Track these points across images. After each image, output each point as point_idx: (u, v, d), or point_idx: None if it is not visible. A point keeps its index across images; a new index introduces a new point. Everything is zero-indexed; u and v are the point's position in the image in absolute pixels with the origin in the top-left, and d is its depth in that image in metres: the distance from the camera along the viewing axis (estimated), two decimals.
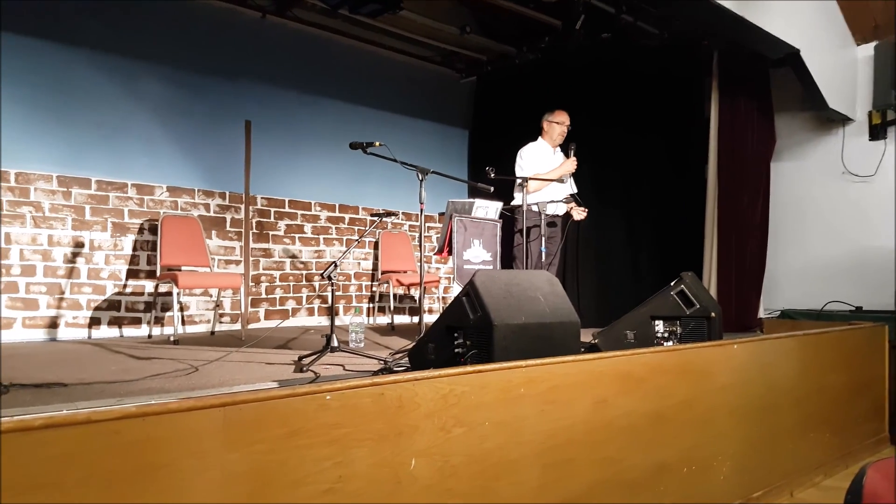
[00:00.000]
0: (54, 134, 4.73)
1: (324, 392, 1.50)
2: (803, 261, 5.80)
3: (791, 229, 5.86)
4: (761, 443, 3.27)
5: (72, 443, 1.18)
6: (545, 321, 2.64)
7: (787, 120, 5.89)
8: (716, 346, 3.05)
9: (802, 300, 5.58)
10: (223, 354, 3.39)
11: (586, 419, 2.36)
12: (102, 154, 4.93)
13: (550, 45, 6.09)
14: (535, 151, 4.78)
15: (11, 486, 1.11)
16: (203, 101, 5.44)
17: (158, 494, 1.26)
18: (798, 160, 5.93)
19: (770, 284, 5.67)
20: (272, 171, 5.78)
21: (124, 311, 4.98)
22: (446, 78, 7.31)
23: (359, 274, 6.47)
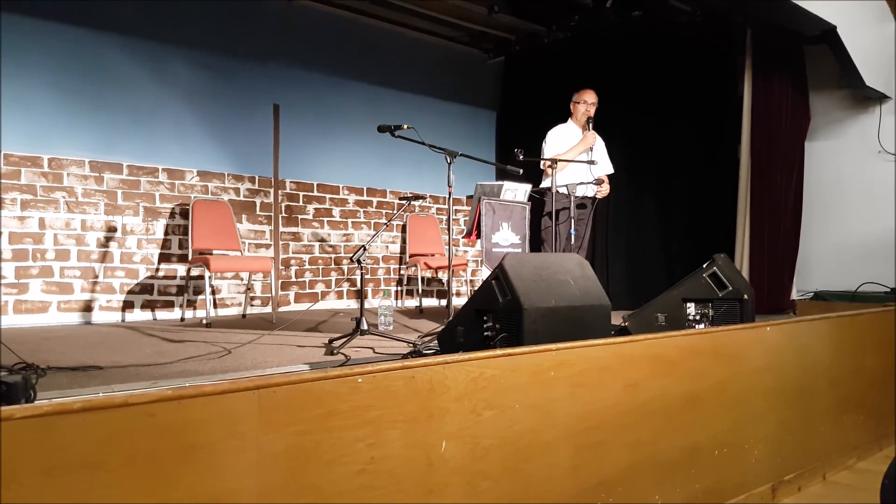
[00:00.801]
0: (86, 119, 4.79)
1: (355, 375, 1.51)
2: (837, 242, 5.69)
3: (825, 210, 5.75)
4: (795, 425, 3.23)
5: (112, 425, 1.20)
6: (575, 304, 2.63)
7: (823, 98, 5.75)
8: (749, 328, 3.00)
9: (836, 281, 5.48)
10: (255, 337, 3.43)
11: (618, 402, 2.35)
12: (134, 139, 4.99)
13: (580, 24, 5.99)
14: (561, 133, 4.74)
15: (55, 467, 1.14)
16: (233, 86, 5.47)
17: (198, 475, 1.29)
18: (833, 139, 5.80)
19: (803, 266, 5.57)
20: (301, 154, 5.81)
21: (157, 295, 5.06)
22: (474, 59, 7.26)
23: (387, 257, 6.49)
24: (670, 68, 5.87)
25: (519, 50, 6.97)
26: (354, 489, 1.53)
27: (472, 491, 1.82)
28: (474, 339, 2.56)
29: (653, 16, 5.46)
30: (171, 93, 5.18)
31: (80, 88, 4.77)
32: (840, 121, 5.79)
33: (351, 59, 6.20)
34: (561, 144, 4.66)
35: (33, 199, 4.57)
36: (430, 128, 4.04)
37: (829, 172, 5.76)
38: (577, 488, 2.14)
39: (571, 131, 4.76)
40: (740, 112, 5.45)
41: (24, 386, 1.57)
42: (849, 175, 5.69)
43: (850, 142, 5.72)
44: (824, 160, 5.77)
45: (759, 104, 5.37)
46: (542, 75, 6.66)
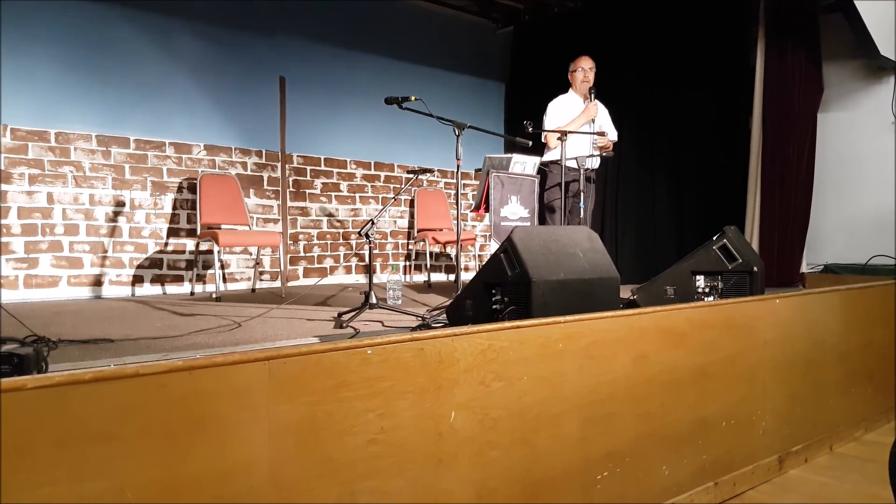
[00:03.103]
0: (93, 94, 4.78)
1: (365, 346, 1.52)
2: (848, 214, 5.64)
3: (837, 182, 5.68)
4: (803, 397, 3.23)
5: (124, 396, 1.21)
6: (585, 277, 2.61)
7: (836, 69, 5.65)
8: (758, 300, 2.99)
9: (846, 254, 5.44)
10: (265, 311, 3.45)
11: (627, 374, 2.35)
12: (140, 113, 4.98)
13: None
14: (562, 104, 4.70)
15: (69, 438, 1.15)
16: (239, 59, 5.44)
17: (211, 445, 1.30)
18: (846, 111, 5.71)
19: (813, 239, 5.53)
20: (308, 128, 5.78)
21: (166, 269, 5.09)
22: (483, 29, 7.17)
23: (395, 232, 6.49)
24: (681, 39, 5.79)
25: (528, 20, 6.87)
26: (365, 458, 1.54)
27: (481, 461, 1.83)
28: (483, 313, 2.56)
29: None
30: (177, 66, 5.16)
31: (87, 62, 4.75)
32: (854, 92, 5.69)
33: (358, 30, 6.14)
34: (562, 116, 4.61)
35: (41, 174, 4.57)
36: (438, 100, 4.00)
37: (841, 144, 5.69)
38: (585, 459, 2.15)
39: (573, 101, 4.71)
40: (752, 83, 5.38)
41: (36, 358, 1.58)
42: (862, 147, 5.61)
43: (863, 113, 5.64)
44: (837, 132, 5.69)
45: (772, 75, 5.30)
46: (551, 46, 6.57)
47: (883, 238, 5.31)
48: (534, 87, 6.58)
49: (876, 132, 5.53)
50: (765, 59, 5.32)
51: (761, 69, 5.33)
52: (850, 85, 5.69)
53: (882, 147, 5.50)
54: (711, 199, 5.79)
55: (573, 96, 4.73)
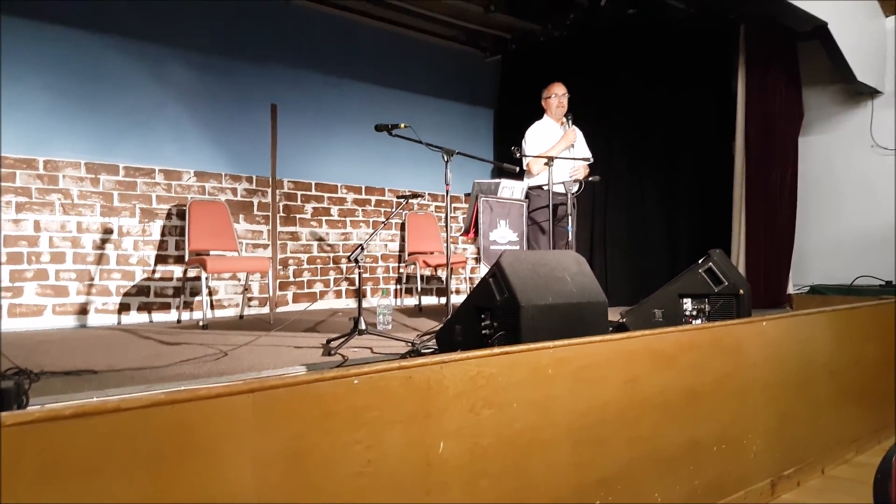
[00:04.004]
0: (83, 121, 4.78)
1: (352, 376, 1.50)
2: (832, 235, 5.70)
3: (820, 204, 5.76)
4: (794, 419, 3.23)
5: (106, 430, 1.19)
6: (573, 301, 2.62)
7: (816, 93, 5.76)
8: (746, 323, 3.00)
9: (832, 275, 5.49)
10: (252, 339, 3.42)
11: (618, 398, 2.34)
12: (131, 140, 4.97)
13: (576, 22, 5.98)
14: (540, 130, 4.73)
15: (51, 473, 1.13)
16: (230, 86, 5.46)
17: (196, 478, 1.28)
18: (826, 134, 5.81)
19: (799, 259, 5.58)
20: (299, 154, 5.80)
21: (153, 297, 5.05)
22: (472, 57, 7.25)
23: (386, 256, 6.48)
24: (665, 65, 5.88)
25: (515, 48, 6.97)
26: (352, 490, 1.52)
27: (471, 490, 1.81)
28: (473, 338, 2.56)
29: (647, 13, 5.45)
30: (168, 94, 5.17)
31: (78, 90, 4.75)
32: (833, 115, 5.80)
33: (349, 58, 6.19)
34: (542, 142, 4.64)
35: (28, 202, 4.55)
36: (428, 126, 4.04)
37: (823, 167, 5.77)
38: (577, 486, 2.14)
39: (549, 127, 4.75)
40: (734, 107, 5.45)
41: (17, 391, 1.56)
42: (843, 169, 5.70)
43: (843, 136, 5.73)
44: (819, 154, 5.78)
45: (753, 100, 5.37)
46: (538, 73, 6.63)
47: (867, 258, 5.36)
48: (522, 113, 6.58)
49: (857, 155, 5.62)
50: (746, 84, 5.40)
51: (743, 94, 5.41)
52: (830, 109, 5.79)
53: (863, 169, 5.58)
54: (699, 222, 5.83)
55: (549, 122, 4.77)
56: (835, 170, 5.75)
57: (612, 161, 6.14)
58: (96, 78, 4.84)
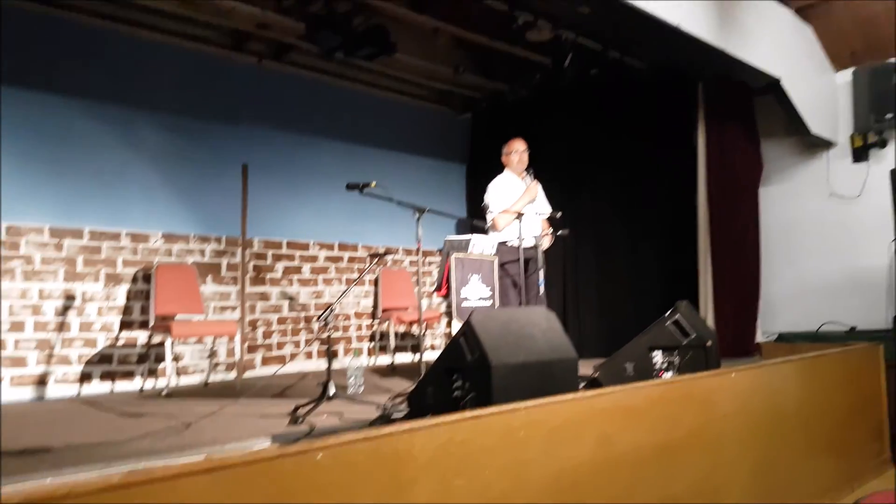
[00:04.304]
0: (48, 185, 4.71)
1: (315, 450, 1.46)
2: (797, 283, 5.80)
3: (783, 252, 5.87)
4: (769, 470, 3.22)
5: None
6: (544, 359, 2.61)
7: (774, 145, 5.95)
8: (715, 375, 3.02)
9: (799, 322, 5.56)
10: (216, 409, 3.32)
11: (592, 457, 2.31)
12: (97, 203, 4.91)
13: (541, 82, 6.16)
14: (503, 185, 4.80)
15: None
16: (201, 147, 5.45)
17: None
18: (786, 184, 5.97)
19: (766, 308, 5.66)
20: (270, 213, 5.76)
21: (116, 365, 4.91)
22: (443, 115, 7.39)
23: (359, 313, 6.42)
24: (629, 122, 6.04)
25: (485, 107, 7.12)
26: None
27: None
28: (444, 400, 2.52)
29: (609, 73, 5.63)
30: (137, 156, 5.14)
31: (44, 154, 4.69)
32: (792, 166, 5.97)
33: (321, 118, 6.24)
34: (506, 196, 4.69)
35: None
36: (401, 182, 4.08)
37: (784, 216, 5.91)
38: None
39: (512, 181, 4.82)
40: (696, 161, 5.59)
41: None
42: (803, 218, 5.84)
43: (802, 186, 5.90)
44: (779, 204, 5.93)
45: (713, 153, 5.52)
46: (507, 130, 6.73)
47: (831, 304, 5.46)
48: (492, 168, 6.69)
49: (816, 204, 5.78)
50: (706, 138, 5.55)
51: (703, 148, 5.56)
52: (788, 160, 5.97)
53: (822, 218, 5.73)
54: (668, 272, 5.90)
55: (511, 176, 4.85)
56: (795, 219, 5.89)
57: (581, 215, 6.23)
58: (64, 141, 4.80)
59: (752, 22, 4.73)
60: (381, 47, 5.16)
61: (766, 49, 4.84)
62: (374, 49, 5.18)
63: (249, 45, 5.70)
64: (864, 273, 5.28)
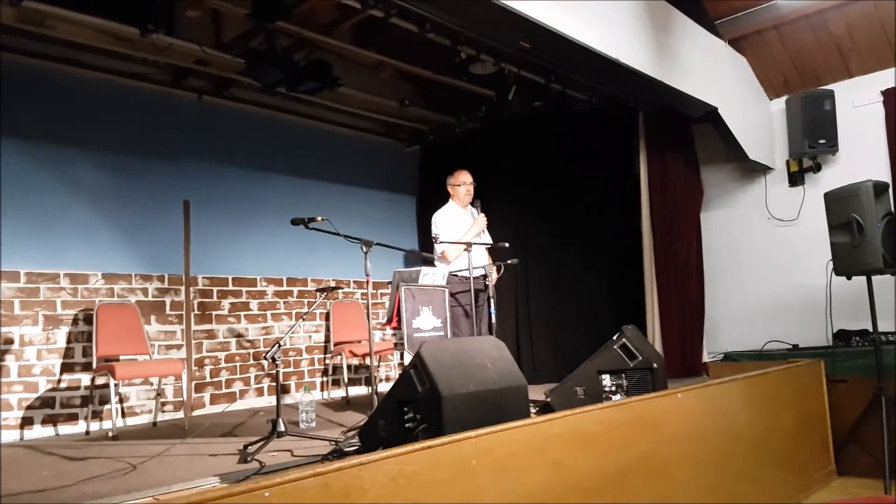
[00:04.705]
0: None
1: (262, 489, 1.44)
2: (741, 304, 5.97)
3: (727, 274, 6.05)
4: (720, 489, 3.28)
5: None
6: (494, 387, 2.63)
7: (713, 171, 6.16)
8: (661, 396, 3.08)
9: (743, 341, 5.72)
10: (164, 449, 3.23)
11: (544, 484, 2.33)
12: (34, 245, 4.76)
13: (487, 114, 6.28)
14: (450, 216, 4.83)
15: None
16: (141, 185, 5.34)
17: None
18: (726, 209, 6.18)
19: (712, 328, 5.81)
20: (215, 249, 5.67)
21: (59, 408, 4.73)
22: (391, 147, 7.42)
23: (311, 347, 6.33)
24: (574, 151, 6.20)
25: (433, 139, 7.19)
26: None
27: None
28: (396, 432, 2.51)
29: (553, 105, 5.77)
30: (75, 195, 5.01)
31: None
32: (731, 191, 6.18)
33: (265, 153, 6.19)
34: (454, 227, 4.73)
35: None
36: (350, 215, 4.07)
37: (726, 239, 6.10)
38: None
39: (458, 213, 4.87)
40: (639, 189, 5.75)
41: None
42: (744, 241, 6.04)
43: (742, 210, 6.10)
44: (721, 228, 6.12)
45: (655, 180, 5.69)
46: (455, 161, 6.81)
47: (774, 323, 5.62)
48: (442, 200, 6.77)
49: (755, 227, 5.99)
50: (647, 166, 5.72)
51: (646, 176, 5.72)
52: (727, 185, 6.18)
53: (762, 240, 5.94)
54: (616, 297, 6.02)
55: (456, 207, 4.89)
56: (737, 242, 6.08)
57: (529, 242, 6.33)
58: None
59: (689, 54, 4.92)
60: (323, 81, 5.19)
61: (703, 79, 5.04)
62: (317, 83, 5.20)
63: (189, 81, 5.65)
64: (804, 293, 5.45)
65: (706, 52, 5.24)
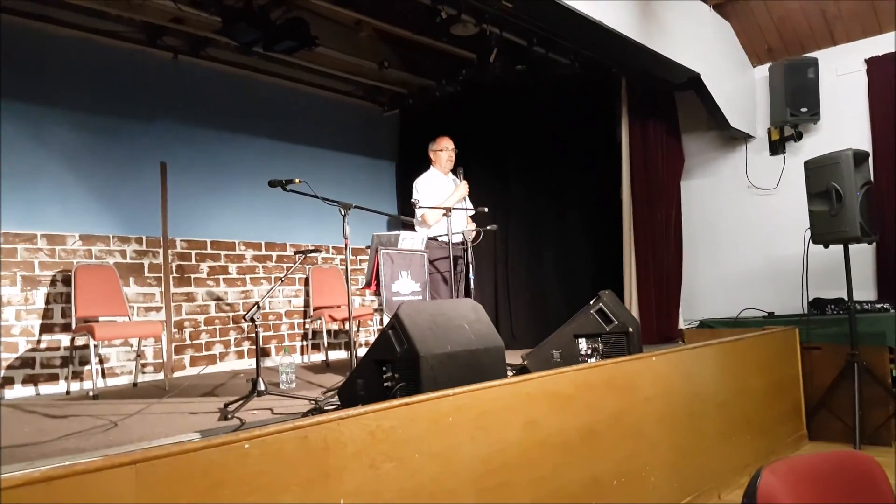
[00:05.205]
0: None
1: (242, 441, 1.47)
2: (718, 272, 6.05)
3: (705, 243, 6.12)
4: (689, 449, 3.38)
5: None
6: (471, 348, 2.67)
7: (695, 139, 6.18)
8: (636, 359, 3.15)
9: (720, 309, 5.81)
10: (144, 407, 3.26)
11: (519, 441, 2.39)
12: (10, 205, 4.69)
13: (468, 77, 6.21)
14: (431, 181, 4.83)
15: None
16: (117, 146, 5.27)
17: None
18: (706, 177, 6.22)
19: (689, 296, 5.89)
20: (192, 212, 5.63)
21: (39, 368, 4.73)
22: (370, 111, 7.36)
23: (290, 312, 6.36)
24: (555, 116, 6.18)
25: (412, 103, 7.12)
26: None
27: None
28: (374, 391, 2.55)
29: (535, 68, 5.73)
30: (50, 156, 4.94)
31: None
32: (712, 160, 6.21)
33: (242, 115, 6.13)
34: (435, 193, 4.73)
35: None
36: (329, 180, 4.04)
37: (705, 207, 6.16)
38: None
39: (439, 179, 4.85)
40: (620, 155, 5.77)
41: None
42: (723, 209, 6.10)
43: (722, 179, 6.15)
44: (700, 196, 6.17)
45: (636, 147, 5.71)
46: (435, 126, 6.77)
47: (750, 292, 5.72)
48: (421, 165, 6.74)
49: (735, 196, 6.04)
50: (629, 133, 5.74)
51: (627, 142, 5.74)
52: (708, 153, 6.21)
53: (741, 209, 6.00)
54: (595, 263, 6.08)
55: (436, 174, 4.88)
56: (716, 210, 6.14)
57: (509, 208, 6.35)
58: None
59: (673, 19, 4.89)
60: (300, 41, 5.09)
61: (687, 45, 5.02)
62: (294, 43, 5.10)
63: (164, 40, 5.54)
64: (781, 262, 5.54)
65: (691, 16, 5.21)
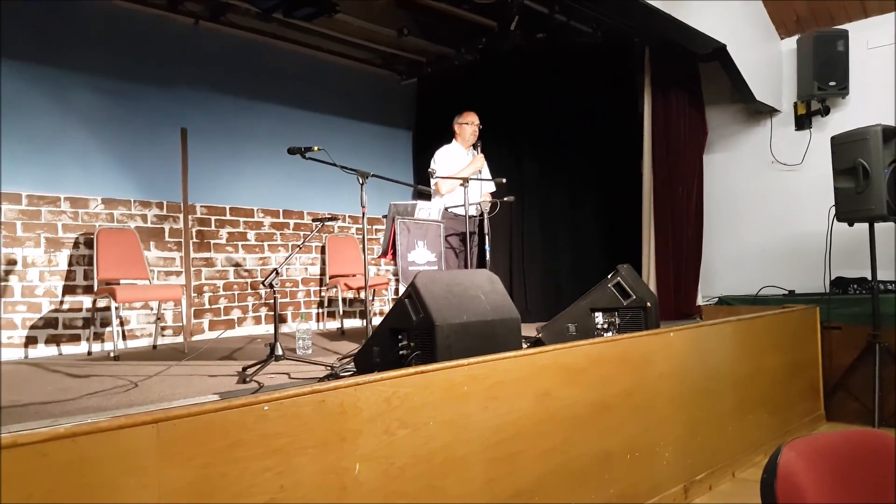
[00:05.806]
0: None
1: (261, 403, 1.50)
2: (738, 248, 5.99)
3: (726, 218, 6.05)
4: (703, 426, 3.38)
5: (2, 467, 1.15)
6: (487, 319, 2.68)
7: (718, 112, 6.07)
8: (653, 334, 3.14)
9: (739, 286, 5.76)
10: (164, 368, 3.32)
11: (531, 412, 2.41)
12: (34, 168, 4.76)
13: (487, 46, 6.13)
14: (450, 154, 4.83)
15: None
16: (138, 110, 5.30)
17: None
18: (729, 151, 6.13)
19: (708, 272, 5.84)
20: (212, 178, 5.67)
21: (62, 329, 4.83)
22: (388, 80, 7.31)
23: (306, 279, 6.41)
24: (575, 87, 6.09)
25: (431, 71, 7.06)
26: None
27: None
28: (390, 359, 2.58)
29: (556, 37, 5.64)
30: (73, 119, 4.98)
31: None
32: (735, 134, 6.11)
33: (261, 81, 6.12)
34: (452, 165, 4.73)
35: None
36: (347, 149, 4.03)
37: (727, 183, 6.07)
38: (492, 500, 2.18)
39: (458, 152, 4.86)
40: (641, 127, 5.69)
41: None
42: (745, 185, 6.01)
43: (745, 153, 6.05)
44: (723, 171, 6.08)
45: (659, 120, 5.63)
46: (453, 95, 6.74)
47: (771, 269, 5.65)
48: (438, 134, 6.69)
49: (757, 171, 5.95)
50: (651, 105, 5.65)
51: (649, 114, 5.66)
52: (732, 127, 6.11)
53: (764, 185, 5.91)
54: (613, 237, 6.05)
55: (458, 147, 4.88)
56: (738, 185, 6.05)
57: (526, 180, 6.31)
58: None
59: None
60: (320, 7, 5.06)
61: (713, 15, 4.90)
62: (314, 9, 5.07)
63: (185, 6, 5.52)
64: (803, 239, 5.46)
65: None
